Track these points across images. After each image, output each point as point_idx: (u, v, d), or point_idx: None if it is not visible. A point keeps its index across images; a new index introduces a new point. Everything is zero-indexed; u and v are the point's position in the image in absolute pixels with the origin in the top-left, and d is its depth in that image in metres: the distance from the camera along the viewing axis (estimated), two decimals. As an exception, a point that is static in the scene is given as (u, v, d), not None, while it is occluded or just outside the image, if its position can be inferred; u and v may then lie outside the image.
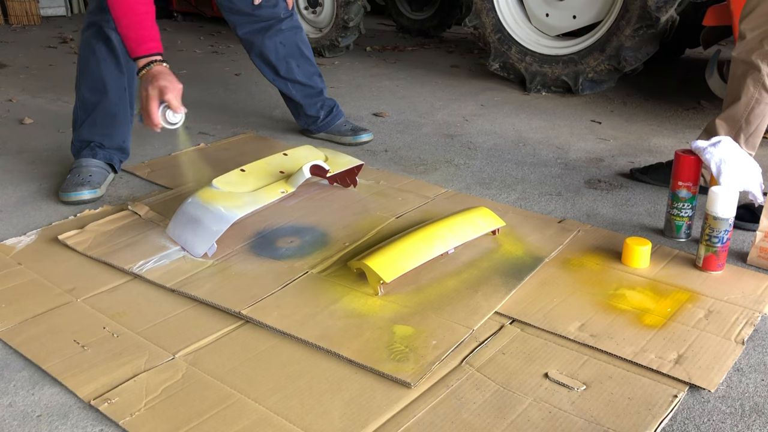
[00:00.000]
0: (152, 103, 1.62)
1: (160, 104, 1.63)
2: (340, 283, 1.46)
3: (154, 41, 1.69)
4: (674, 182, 1.66)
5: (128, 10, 1.66)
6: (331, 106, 2.49)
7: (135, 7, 1.67)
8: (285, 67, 2.38)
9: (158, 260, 1.56)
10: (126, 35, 1.68)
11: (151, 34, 1.69)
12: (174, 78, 1.66)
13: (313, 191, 1.94)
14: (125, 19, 1.66)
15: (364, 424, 1.06)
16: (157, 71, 1.65)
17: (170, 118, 1.66)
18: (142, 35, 1.67)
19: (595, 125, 2.68)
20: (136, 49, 1.67)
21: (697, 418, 1.09)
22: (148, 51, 1.67)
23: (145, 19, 1.68)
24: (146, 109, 1.63)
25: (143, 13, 1.68)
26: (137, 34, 1.67)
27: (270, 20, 2.31)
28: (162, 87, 1.62)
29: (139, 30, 1.67)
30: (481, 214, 1.63)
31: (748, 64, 1.77)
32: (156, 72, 1.65)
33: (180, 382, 1.16)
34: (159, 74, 1.64)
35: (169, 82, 1.63)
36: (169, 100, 1.63)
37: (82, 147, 2.06)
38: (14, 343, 1.28)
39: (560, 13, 3.11)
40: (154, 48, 1.68)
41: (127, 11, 1.66)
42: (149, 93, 1.62)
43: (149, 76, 1.64)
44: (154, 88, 1.62)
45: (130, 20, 1.67)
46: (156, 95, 1.62)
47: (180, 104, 1.66)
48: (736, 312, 1.34)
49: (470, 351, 1.23)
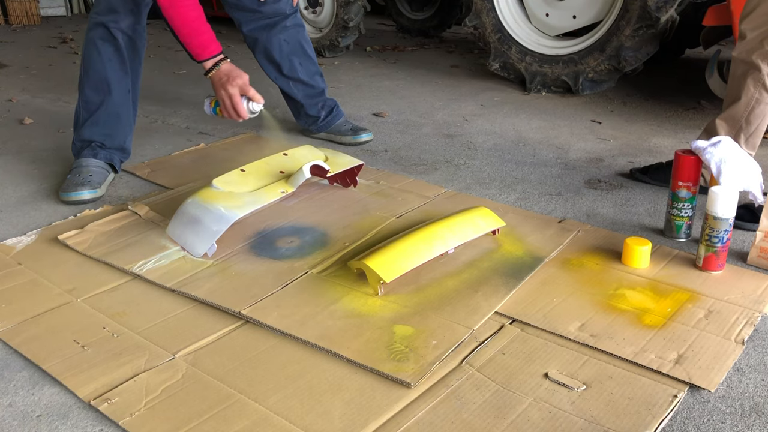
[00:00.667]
0: (237, 100, 1.82)
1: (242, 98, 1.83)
2: (340, 283, 1.46)
3: (214, 42, 1.84)
4: (674, 182, 1.66)
5: (185, 20, 1.81)
6: (332, 106, 2.50)
7: (189, 14, 1.80)
8: (288, 65, 2.38)
9: (158, 260, 1.55)
10: (189, 43, 1.83)
11: (210, 37, 1.84)
12: (241, 72, 1.84)
13: (313, 191, 1.94)
14: (185, 29, 1.81)
15: (364, 424, 1.06)
16: (226, 71, 1.82)
17: (254, 107, 1.86)
18: (203, 40, 1.83)
19: (595, 125, 2.68)
20: (201, 53, 1.83)
21: (697, 418, 1.09)
22: (213, 53, 1.83)
23: (200, 24, 1.82)
24: (235, 108, 1.83)
25: (197, 18, 1.81)
26: (199, 41, 1.82)
27: (275, 17, 2.31)
28: (242, 85, 1.81)
29: (199, 36, 1.82)
30: (481, 214, 1.63)
31: (748, 64, 1.77)
32: (226, 72, 1.82)
33: (180, 382, 1.16)
34: (230, 73, 1.82)
35: (244, 79, 1.82)
36: (253, 96, 1.84)
37: (83, 147, 2.06)
38: (14, 343, 1.28)
39: (560, 13, 3.11)
40: (216, 49, 1.84)
41: (185, 20, 1.80)
42: (231, 92, 1.81)
43: (221, 75, 1.82)
44: (234, 86, 1.81)
45: (190, 29, 1.81)
46: (238, 92, 1.82)
47: (259, 95, 1.85)
48: (736, 312, 1.34)
49: (470, 351, 1.23)
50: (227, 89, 1.81)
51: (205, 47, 1.82)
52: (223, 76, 1.81)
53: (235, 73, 1.82)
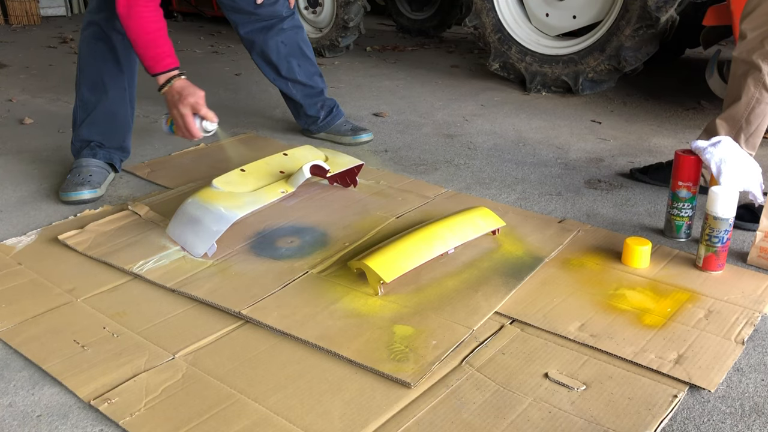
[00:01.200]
0: (189, 120, 1.72)
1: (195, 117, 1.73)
2: (340, 283, 1.46)
3: (171, 57, 1.76)
4: (674, 182, 1.66)
5: (142, 31, 1.73)
6: (331, 106, 2.49)
7: (148, 26, 1.73)
8: (286, 66, 2.38)
9: (158, 260, 1.56)
10: (143, 55, 1.75)
11: (166, 51, 1.76)
12: (196, 89, 1.73)
13: (313, 191, 1.94)
14: (141, 39, 1.74)
15: (364, 424, 1.06)
16: (179, 87, 1.72)
17: (207, 127, 1.75)
18: (158, 53, 1.74)
19: (595, 125, 2.68)
20: (154, 66, 1.75)
21: (697, 418, 1.09)
22: (167, 67, 1.74)
23: (158, 36, 1.75)
24: (186, 128, 1.73)
25: (156, 30, 1.75)
26: (154, 53, 1.74)
27: (271, 19, 2.31)
28: (193, 104, 1.71)
29: (155, 48, 1.74)
30: (481, 214, 1.63)
31: (748, 63, 1.77)
32: (180, 88, 1.72)
33: (180, 382, 1.16)
34: (184, 90, 1.72)
35: (197, 97, 1.72)
36: (205, 114, 1.73)
37: (82, 147, 2.06)
38: (14, 343, 1.28)
39: (560, 13, 3.11)
40: (171, 63, 1.75)
41: (141, 32, 1.73)
42: (183, 112, 1.71)
43: (173, 92, 1.72)
44: (185, 106, 1.71)
45: (146, 40, 1.74)
46: (190, 112, 1.71)
47: (213, 113, 1.74)
48: (736, 312, 1.34)
49: (470, 351, 1.23)
50: (179, 108, 1.71)
51: (158, 60, 1.74)
52: (175, 94, 1.72)
53: (188, 91, 1.71)
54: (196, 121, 1.73)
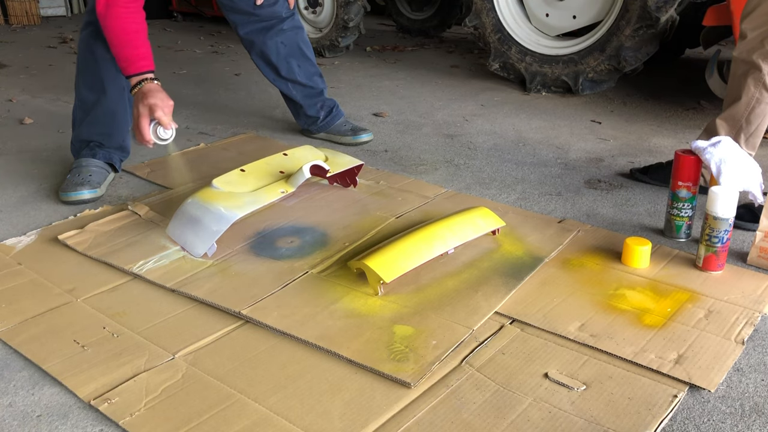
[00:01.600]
0: (143, 120, 1.66)
1: (151, 122, 1.67)
2: (340, 283, 1.46)
3: (146, 59, 1.73)
4: (674, 182, 1.66)
5: (120, 31, 1.71)
6: (331, 106, 2.49)
7: (125, 27, 1.71)
8: (286, 67, 2.38)
9: (158, 260, 1.56)
10: (118, 55, 1.73)
11: (141, 53, 1.73)
12: (165, 95, 1.69)
13: (313, 191, 1.94)
14: (116, 39, 1.72)
15: (364, 424, 1.06)
16: (147, 89, 1.68)
17: (161, 134, 1.70)
18: (133, 54, 1.72)
19: (595, 125, 2.68)
20: (127, 68, 1.72)
21: (697, 418, 1.09)
22: (140, 69, 1.71)
23: (135, 38, 1.72)
24: (137, 127, 1.68)
25: (134, 32, 1.72)
26: (129, 54, 1.72)
27: (271, 20, 2.31)
28: (152, 105, 1.66)
29: (130, 49, 1.72)
30: (481, 214, 1.63)
31: (749, 63, 1.77)
32: (146, 90, 1.68)
33: (180, 382, 1.16)
34: (149, 92, 1.68)
35: (159, 100, 1.67)
36: (159, 118, 1.66)
37: (82, 147, 2.06)
38: (14, 343, 1.28)
39: (560, 13, 3.11)
40: (145, 66, 1.72)
41: (119, 32, 1.71)
42: (140, 111, 1.67)
43: (140, 94, 1.68)
44: (144, 106, 1.66)
45: (122, 40, 1.71)
46: (146, 113, 1.66)
47: (170, 121, 1.69)
48: (736, 312, 1.34)
49: (470, 351, 1.23)
50: (137, 108, 1.68)
51: (132, 62, 1.71)
52: (141, 95, 1.68)
53: (153, 95, 1.67)
54: (151, 126, 1.68)
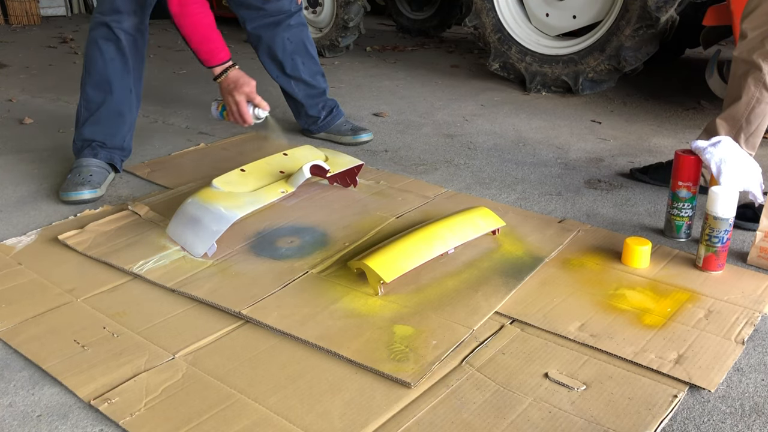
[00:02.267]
0: (243, 107, 1.90)
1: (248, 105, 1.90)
2: (340, 283, 1.46)
3: (224, 50, 1.90)
4: (674, 182, 1.66)
5: (198, 27, 1.85)
6: (332, 106, 2.49)
7: (200, 22, 1.85)
8: (291, 63, 2.39)
9: (158, 260, 1.55)
10: (198, 50, 1.88)
11: (220, 44, 1.90)
12: (248, 78, 1.90)
13: (313, 191, 1.94)
14: (196, 36, 1.86)
15: (364, 424, 1.06)
16: (234, 77, 1.88)
17: (259, 114, 1.94)
18: (213, 48, 1.88)
19: (595, 125, 2.68)
20: (210, 59, 1.89)
21: (697, 418, 1.09)
22: (222, 60, 1.89)
23: (211, 31, 1.87)
24: (241, 114, 1.91)
25: (207, 25, 1.86)
26: (209, 47, 1.88)
27: (279, 15, 2.32)
28: (248, 93, 1.88)
29: (209, 43, 1.88)
30: (481, 214, 1.63)
31: (749, 63, 1.77)
32: (234, 78, 1.88)
33: (180, 382, 1.16)
34: (238, 80, 1.88)
35: (250, 87, 1.89)
36: (259, 103, 1.91)
37: (84, 146, 2.06)
38: (14, 343, 1.28)
39: (560, 13, 3.11)
40: (225, 56, 1.90)
41: (197, 28, 1.85)
42: (237, 99, 1.88)
43: (229, 82, 1.88)
44: (240, 94, 1.88)
45: (200, 36, 1.87)
46: (244, 100, 1.89)
47: (265, 102, 1.92)
48: (736, 312, 1.34)
49: (470, 351, 1.23)
50: (234, 96, 1.87)
51: (214, 54, 1.88)
52: (231, 83, 1.87)
53: (243, 80, 1.87)
54: (249, 109, 1.90)
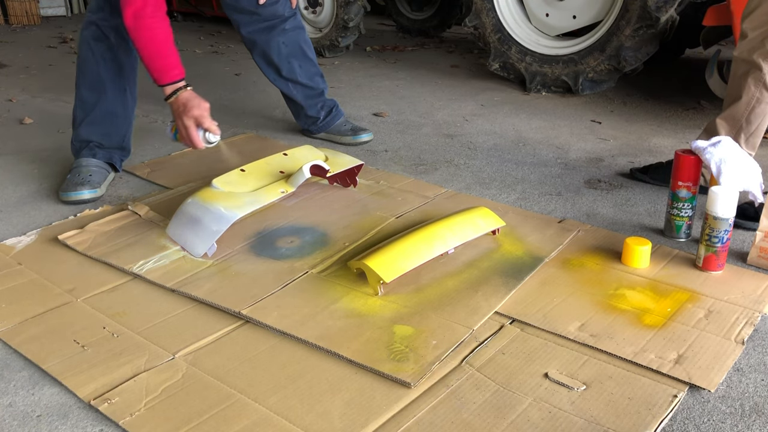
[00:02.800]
0: (193, 132, 1.75)
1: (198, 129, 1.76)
2: (340, 283, 1.46)
3: (177, 68, 1.78)
4: (674, 182, 1.66)
5: (149, 42, 1.74)
6: (331, 106, 2.49)
7: (155, 37, 1.75)
8: (287, 67, 2.38)
9: (158, 260, 1.55)
10: (149, 66, 1.77)
11: (172, 62, 1.77)
12: (201, 100, 1.76)
13: (313, 191, 1.94)
14: (148, 51, 1.75)
15: (364, 424, 1.06)
16: (183, 100, 1.75)
17: (210, 138, 1.79)
18: (164, 65, 1.76)
19: (595, 125, 2.68)
20: (160, 78, 1.76)
21: (697, 418, 1.09)
22: (173, 79, 1.76)
23: (164, 47, 1.76)
24: (190, 139, 1.76)
25: (162, 41, 1.76)
26: (160, 64, 1.76)
27: (273, 19, 2.31)
28: (197, 117, 1.74)
29: (160, 60, 1.76)
30: (481, 214, 1.63)
31: (749, 63, 1.77)
32: (183, 101, 1.74)
33: (180, 382, 1.16)
34: (188, 102, 1.74)
35: (201, 109, 1.75)
36: (208, 128, 1.76)
37: (82, 147, 2.06)
38: (14, 343, 1.28)
39: (560, 13, 3.11)
40: (177, 75, 1.77)
41: (148, 43, 1.74)
42: (187, 124, 1.74)
43: (179, 104, 1.75)
44: (189, 118, 1.74)
45: (153, 51, 1.75)
46: (193, 124, 1.75)
47: (216, 126, 1.77)
48: (736, 312, 1.34)
49: (470, 351, 1.23)
50: (183, 120, 1.74)
51: (165, 72, 1.76)
52: (180, 105, 1.74)
53: (192, 103, 1.74)
54: (200, 133, 1.76)
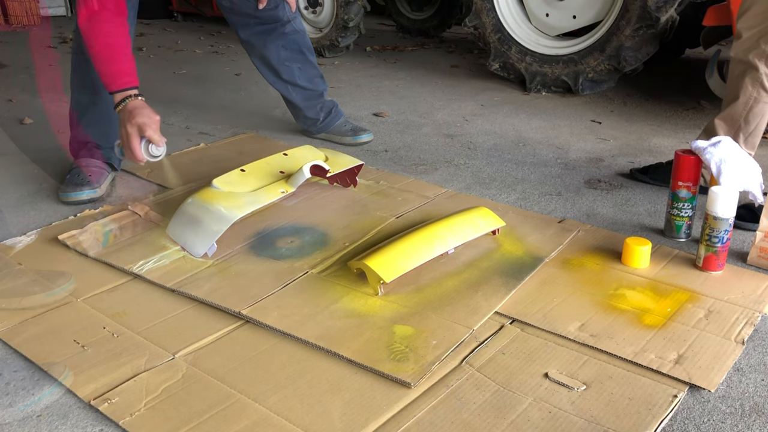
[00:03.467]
0: (133, 141, 1.63)
1: (142, 140, 1.64)
2: (340, 283, 1.46)
3: (129, 75, 1.68)
4: (674, 182, 1.66)
5: (102, 46, 1.65)
6: (330, 107, 2.49)
7: (109, 41, 1.66)
8: (287, 70, 2.37)
9: (158, 260, 1.55)
10: (99, 71, 1.68)
11: (125, 68, 1.67)
12: (150, 111, 1.66)
13: (313, 191, 1.94)
14: (99, 55, 1.66)
15: (364, 424, 1.06)
16: (132, 107, 1.64)
17: (153, 151, 1.67)
18: (116, 70, 1.67)
19: (595, 125, 2.68)
20: (110, 84, 1.67)
21: (697, 418, 1.09)
22: (123, 86, 1.66)
23: (119, 53, 1.67)
24: (129, 148, 1.64)
25: (115, 45, 1.67)
26: (111, 70, 1.67)
27: (272, 23, 2.29)
28: (140, 124, 1.62)
29: (112, 65, 1.67)
30: (481, 214, 1.63)
31: (745, 63, 1.77)
32: (131, 108, 1.64)
33: (180, 382, 1.16)
34: (135, 110, 1.63)
35: (147, 117, 1.63)
36: (150, 137, 1.63)
37: (80, 147, 2.06)
38: (14, 343, 1.28)
39: (560, 13, 3.11)
40: (129, 82, 1.67)
41: (101, 47, 1.66)
42: (129, 131, 1.63)
43: (125, 113, 1.64)
44: (132, 126, 1.62)
45: (104, 55, 1.66)
46: (136, 132, 1.63)
47: (160, 137, 1.66)
48: (736, 312, 1.34)
49: (470, 351, 1.23)
50: (126, 128, 1.63)
51: (116, 78, 1.66)
52: (127, 113, 1.64)
53: (138, 112, 1.63)
54: (142, 144, 1.64)
